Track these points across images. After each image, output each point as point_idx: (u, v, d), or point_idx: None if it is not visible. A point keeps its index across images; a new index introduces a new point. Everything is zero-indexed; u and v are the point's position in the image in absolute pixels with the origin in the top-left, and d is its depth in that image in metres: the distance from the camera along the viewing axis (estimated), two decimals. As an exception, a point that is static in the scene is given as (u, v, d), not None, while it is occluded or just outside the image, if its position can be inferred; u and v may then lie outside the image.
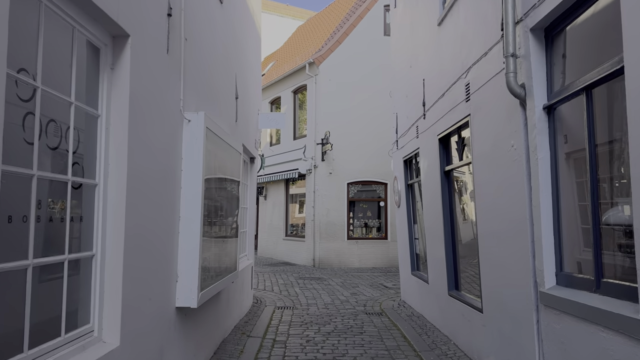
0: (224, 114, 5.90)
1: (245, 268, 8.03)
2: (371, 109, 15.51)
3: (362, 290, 10.92)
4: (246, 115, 7.85)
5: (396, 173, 9.50)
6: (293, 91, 17.23)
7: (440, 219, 6.42)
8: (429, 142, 6.90)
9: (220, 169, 5.35)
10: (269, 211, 18.47)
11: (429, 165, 6.97)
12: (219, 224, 5.34)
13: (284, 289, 10.92)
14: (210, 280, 4.89)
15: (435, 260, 6.90)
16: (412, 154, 8.09)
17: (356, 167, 15.55)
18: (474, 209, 5.28)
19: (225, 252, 5.64)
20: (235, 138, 6.49)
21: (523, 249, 4.00)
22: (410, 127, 8.09)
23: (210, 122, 4.57)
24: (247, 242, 8.86)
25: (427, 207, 7.24)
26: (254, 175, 9.10)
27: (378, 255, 15.49)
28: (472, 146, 5.14)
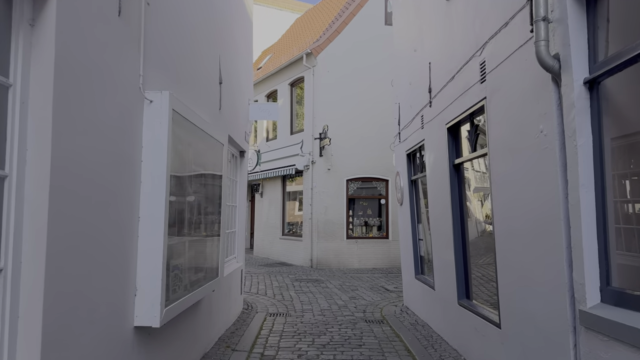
0: (203, 99, 5.18)
1: (233, 272, 7.32)
2: (372, 101, 14.78)
3: (362, 294, 10.21)
4: (234, 105, 7.13)
5: (398, 168, 8.78)
6: (290, 84, 16.50)
7: (449, 218, 5.71)
8: (436, 133, 6.18)
9: (196, 162, 4.64)
10: (265, 209, 17.76)
11: (436, 158, 6.25)
12: (196, 224, 4.64)
13: (278, 293, 10.21)
14: (182, 292, 4.18)
15: (442, 264, 6.19)
16: (417, 146, 7.37)
17: (356, 163, 14.83)
18: (489, 207, 4.57)
19: (203, 256, 4.93)
20: (218, 128, 5.78)
21: (555, 255, 3.28)
22: (414, 118, 7.36)
23: (179, 104, 3.85)
24: (237, 243, 8.15)
25: (434, 205, 6.52)
26: (244, 171, 8.39)
27: (379, 256, 14.78)
28: (489, 134, 4.41)
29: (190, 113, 4.22)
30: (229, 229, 7.70)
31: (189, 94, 4.65)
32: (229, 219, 7.80)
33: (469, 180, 5.54)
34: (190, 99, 4.63)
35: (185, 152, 4.25)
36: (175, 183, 3.97)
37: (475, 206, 5.35)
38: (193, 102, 4.72)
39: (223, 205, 5.48)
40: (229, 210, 7.75)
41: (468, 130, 5.26)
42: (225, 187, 6.18)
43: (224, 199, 5.74)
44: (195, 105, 4.79)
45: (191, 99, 4.68)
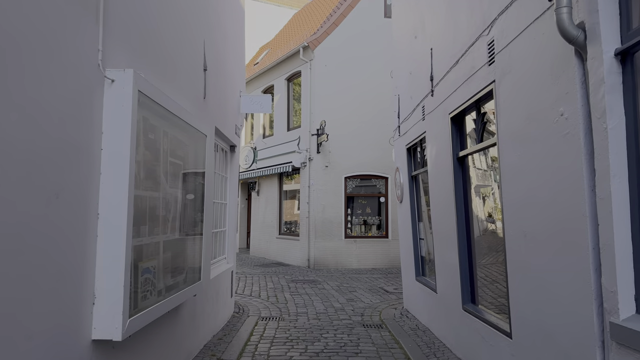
0: (183, 85, 4.73)
1: (222, 274, 6.87)
2: (371, 96, 14.32)
3: (360, 296, 9.76)
4: (222, 95, 6.68)
5: (398, 163, 8.32)
6: (287, 79, 16.03)
7: (453, 216, 5.25)
8: (438, 124, 5.72)
9: (174, 153, 4.19)
10: (261, 208, 17.31)
11: (439, 151, 5.80)
12: (173, 222, 4.18)
13: (272, 295, 9.76)
14: (155, 298, 3.73)
15: (445, 266, 5.73)
16: (417, 139, 6.91)
17: (354, 159, 14.37)
18: (498, 203, 4.11)
19: (183, 258, 4.48)
20: (201, 118, 5.33)
21: (578, 258, 2.83)
22: (414, 109, 6.90)
23: (148, 87, 3.39)
24: (227, 243, 7.70)
25: (436, 202, 6.06)
26: (235, 166, 7.94)
27: (378, 255, 14.32)
28: (498, 122, 3.95)
29: (164, 98, 3.76)
30: (217, 227, 7.25)
31: (165, 77, 4.19)
32: (219, 217, 7.35)
33: (475, 174, 5.08)
34: (166, 83, 4.17)
35: (159, 142, 3.80)
36: (146, 176, 3.52)
37: (482, 203, 4.89)
38: (170, 87, 4.27)
39: (207, 202, 5.03)
40: (219, 208, 7.30)
41: (474, 119, 4.81)
42: (210, 182, 5.73)
43: (208, 195, 5.29)
44: (172, 90, 4.33)
45: (167, 83, 4.22)
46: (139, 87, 3.19)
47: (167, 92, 4.17)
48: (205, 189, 4.96)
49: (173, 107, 4.02)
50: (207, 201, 5.40)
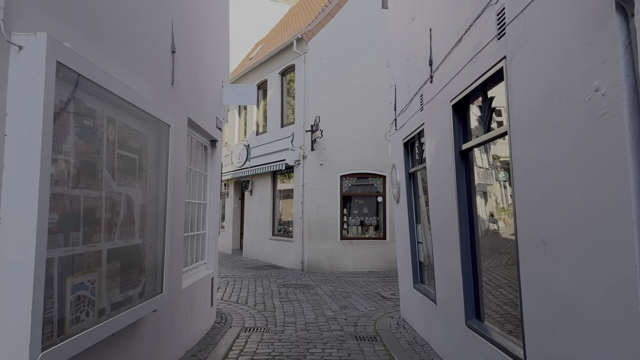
0: (140, 66, 4.06)
1: (199, 281, 6.21)
2: (368, 91, 13.65)
3: (355, 302, 9.10)
4: (198, 83, 6.01)
5: (394, 160, 7.65)
6: (280, 73, 15.36)
7: (455, 218, 4.59)
8: (438, 113, 5.06)
9: (125, 145, 3.53)
10: (254, 208, 16.64)
11: (439, 144, 5.13)
12: (122, 227, 3.52)
13: (260, 301, 9.09)
14: (93, 319, 3.07)
15: (446, 275, 5.07)
16: (415, 133, 6.24)
17: (351, 157, 13.70)
18: (510, 203, 3.45)
19: (137, 268, 3.81)
20: (167, 106, 4.66)
21: (619, 276, 2.16)
22: (412, 99, 6.23)
23: (77, 60, 2.73)
24: (207, 247, 7.04)
25: (436, 202, 5.40)
26: (216, 163, 7.27)
27: (375, 258, 13.66)
28: (510, 106, 3.28)
29: (106, 78, 3.10)
30: (196, 230, 6.59)
31: (113, 55, 3.52)
32: (198, 218, 6.69)
33: (480, 170, 4.41)
34: (114, 61, 3.51)
35: (101, 130, 3.14)
36: (78, 171, 2.87)
37: (488, 203, 4.22)
38: (120, 67, 3.60)
39: (171, 202, 4.36)
40: (197, 209, 6.64)
41: (480, 106, 4.14)
42: (180, 179, 5.07)
43: (176, 194, 4.63)
44: (124, 71, 3.67)
45: (117, 62, 3.56)
46: (59, 57, 2.52)
47: (116, 72, 3.51)
48: (168, 187, 4.30)
49: (121, 90, 3.36)
50: (173, 201, 4.73)
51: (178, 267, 5.16)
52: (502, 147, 3.87)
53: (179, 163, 5.11)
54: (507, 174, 3.71)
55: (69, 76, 2.69)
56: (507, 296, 3.94)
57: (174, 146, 4.64)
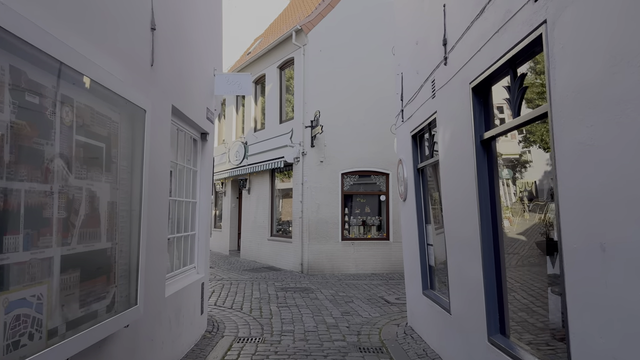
0: (109, 40, 3.47)
1: (186, 288, 5.63)
2: (371, 85, 13.05)
3: (357, 308, 8.51)
4: (184, 68, 5.43)
5: (401, 155, 7.06)
6: (279, 67, 14.76)
7: (475, 217, 4.00)
8: (455, 99, 4.46)
9: (87, 132, 2.95)
10: (252, 207, 16.04)
11: (455, 134, 4.54)
12: (85, 228, 2.93)
13: (256, 307, 8.50)
14: (39, 342, 2.48)
15: (463, 281, 4.48)
16: (425, 123, 5.64)
17: (352, 154, 13.11)
18: (554, 201, 2.86)
19: (105, 277, 3.23)
20: (144, 88, 4.07)
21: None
22: (422, 85, 5.64)
23: (9, 16, 2.14)
24: (197, 249, 6.45)
25: (450, 200, 4.81)
26: (207, 158, 6.68)
27: (378, 259, 13.06)
28: (553, 80, 2.69)
29: (54, 44, 2.51)
30: (184, 231, 6.01)
31: (68, 21, 2.93)
32: (187, 218, 6.11)
33: (507, 161, 3.82)
34: (68, 29, 2.91)
35: (48, 110, 2.55)
36: (16, 159, 2.29)
37: (522, 201, 3.62)
38: (77, 37, 3.01)
39: (147, 199, 3.76)
40: (186, 207, 6.06)
41: (507, 87, 3.54)
42: (159, 173, 4.47)
43: (153, 189, 4.04)
44: (82, 42, 3.07)
45: (71, 30, 2.96)
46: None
47: (76, 44, 2.92)
48: (144, 182, 3.71)
49: (80, 63, 2.78)
50: (153, 199, 4.14)
51: (160, 273, 4.57)
52: (538, 132, 3.27)
53: (161, 155, 4.53)
54: (546, 164, 3.12)
55: (1, 39, 2.11)
56: (538, 310, 3.36)
57: (151, 135, 4.05)
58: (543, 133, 3.15)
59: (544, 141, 3.14)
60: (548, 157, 3.12)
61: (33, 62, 2.39)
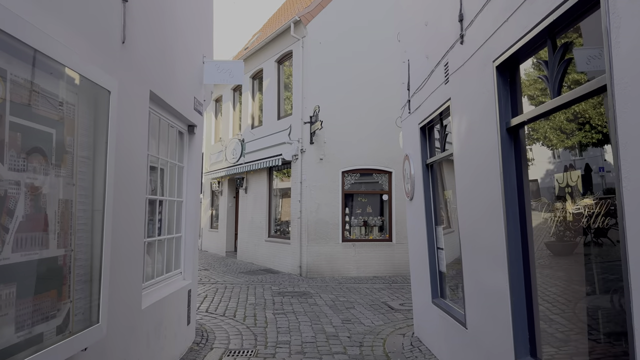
0: (67, 9, 2.88)
1: (169, 297, 5.05)
2: (373, 79, 12.46)
3: (359, 315, 7.92)
4: (168, 52, 4.84)
5: (408, 150, 6.47)
6: (277, 61, 14.17)
7: (499, 216, 3.41)
8: (473, 82, 3.88)
9: (28, 114, 2.38)
10: (249, 206, 15.45)
11: (473, 122, 3.95)
12: (22, 233, 2.35)
13: (250, 314, 7.92)
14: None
15: (483, 293, 3.89)
16: (436, 113, 5.05)
17: (353, 151, 12.52)
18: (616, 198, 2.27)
19: (55, 292, 2.64)
20: (111, 68, 3.48)
21: None
22: (432, 70, 5.05)
23: None
24: (184, 253, 5.87)
25: (467, 198, 4.22)
26: (195, 153, 6.10)
27: (381, 261, 12.47)
28: (616, 44, 2.09)
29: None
30: (168, 233, 5.43)
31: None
32: (172, 219, 5.53)
33: (542, 151, 3.23)
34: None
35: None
36: None
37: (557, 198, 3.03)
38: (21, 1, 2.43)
39: (110, 197, 3.17)
40: (170, 207, 5.48)
41: (542, 62, 2.95)
42: (136, 169, 3.88)
43: (117, 186, 3.46)
44: (28, 4, 2.49)
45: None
46: None
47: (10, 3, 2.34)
48: (108, 177, 3.12)
49: (17, 27, 2.20)
50: (124, 196, 3.56)
51: (134, 282, 3.99)
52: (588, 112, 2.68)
53: (136, 147, 3.94)
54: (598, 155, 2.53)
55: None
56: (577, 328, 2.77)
57: (123, 122, 3.47)
58: (591, 113, 2.56)
59: (594, 124, 2.55)
60: (598, 143, 2.54)
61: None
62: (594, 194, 2.56)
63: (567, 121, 2.88)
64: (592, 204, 2.53)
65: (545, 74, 2.88)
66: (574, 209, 2.66)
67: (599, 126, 2.54)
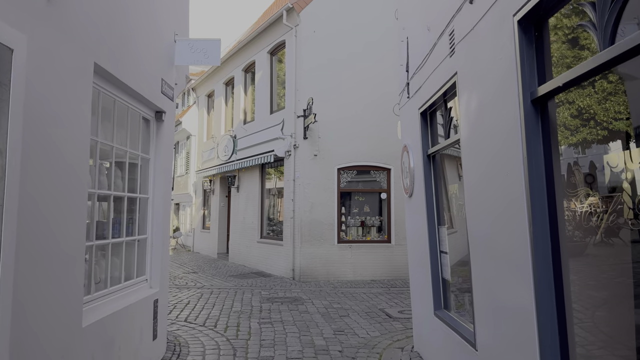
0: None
1: (129, 309, 4.31)
2: (371, 69, 11.72)
3: (353, 324, 7.18)
4: (122, 22, 4.10)
5: (406, 140, 5.72)
6: (269, 52, 13.43)
7: (522, 217, 2.67)
8: (486, 47, 3.14)
9: None
10: (241, 206, 14.71)
11: (486, 97, 3.21)
12: None
13: (233, 324, 7.17)
14: None
15: (498, 308, 3.15)
16: (439, 93, 4.31)
17: (349, 147, 11.77)
18: None
19: None
20: (19, 22, 2.73)
21: None
22: (435, 44, 4.31)
23: None
24: (150, 257, 5.13)
25: (476, 193, 3.48)
26: (165, 144, 5.36)
27: (378, 264, 11.72)
28: None
29: None
30: (129, 234, 4.69)
31: None
32: (133, 218, 4.80)
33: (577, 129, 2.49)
34: None
35: None
36: None
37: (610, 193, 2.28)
38: None
39: (15, 188, 2.43)
40: (130, 205, 4.74)
41: (589, 3, 2.20)
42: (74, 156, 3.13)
43: (17, 175, 2.72)
44: None
45: None
46: None
47: None
48: (8, 161, 2.38)
49: None
50: (55, 190, 2.81)
51: (70, 296, 3.25)
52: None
53: (71, 129, 3.20)
54: None
55: None
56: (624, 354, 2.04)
57: (52, 97, 2.72)
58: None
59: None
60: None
61: None
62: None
63: (608, 82, 2.13)
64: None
65: (590, 19, 2.13)
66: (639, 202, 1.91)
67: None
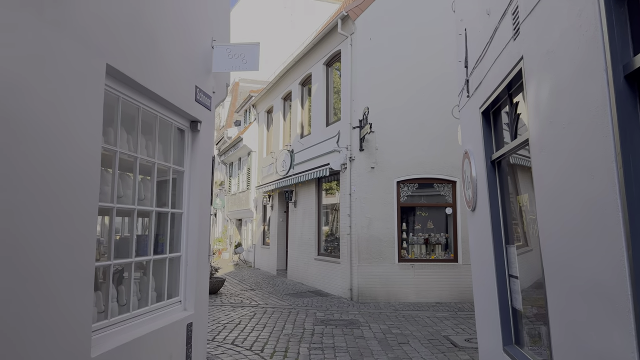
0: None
1: (155, 334, 3.95)
2: (430, 74, 11.03)
3: (413, 353, 6.45)
4: (147, 22, 3.82)
5: (467, 145, 5.01)
6: (325, 63, 13.09)
7: (615, 233, 1.96)
8: (561, 16, 2.47)
9: None
10: (299, 221, 14.35)
11: (561, 81, 2.52)
12: None
13: (282, 348, 6.68)
14: None
15: (586, 355, 2.40)
16: (503, 86, 3.61)
17: (410, 158, 11.06)
18: None
19: None
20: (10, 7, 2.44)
21: None
22: (496, 29, 3.64)
23: None
24: (184, 277, 4.78)
25: (551, 203, 2.76)
26: (202, 155, 5.03)
27: (444, 285, 10.81)
28: None
29: None
30: (162, 252, 4.37)
31: None
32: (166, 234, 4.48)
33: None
34: None
35: None
36: None
37: None
38: None
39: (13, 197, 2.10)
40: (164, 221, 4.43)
41: None
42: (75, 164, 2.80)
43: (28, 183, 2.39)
44: None
45: None
46: None
47: None
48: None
49: None
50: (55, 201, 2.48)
51: (75, 323, 2.90)
52: None
53: (75, 136, 2.89)
54: None
55: None
56: None
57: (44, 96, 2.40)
58: None
59: None
60: None
61: None
62: None
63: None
64: None
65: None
66: None
67: None
